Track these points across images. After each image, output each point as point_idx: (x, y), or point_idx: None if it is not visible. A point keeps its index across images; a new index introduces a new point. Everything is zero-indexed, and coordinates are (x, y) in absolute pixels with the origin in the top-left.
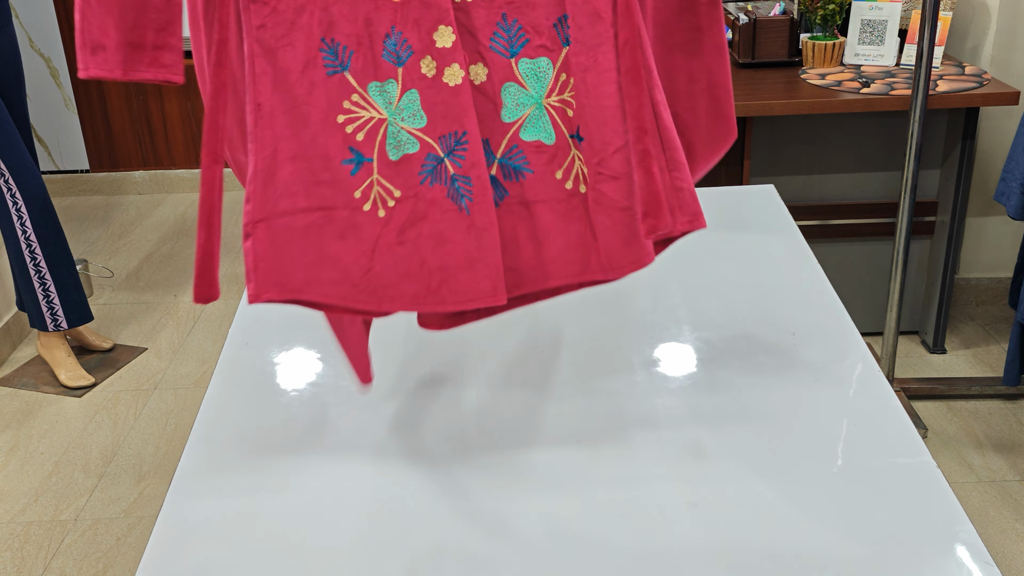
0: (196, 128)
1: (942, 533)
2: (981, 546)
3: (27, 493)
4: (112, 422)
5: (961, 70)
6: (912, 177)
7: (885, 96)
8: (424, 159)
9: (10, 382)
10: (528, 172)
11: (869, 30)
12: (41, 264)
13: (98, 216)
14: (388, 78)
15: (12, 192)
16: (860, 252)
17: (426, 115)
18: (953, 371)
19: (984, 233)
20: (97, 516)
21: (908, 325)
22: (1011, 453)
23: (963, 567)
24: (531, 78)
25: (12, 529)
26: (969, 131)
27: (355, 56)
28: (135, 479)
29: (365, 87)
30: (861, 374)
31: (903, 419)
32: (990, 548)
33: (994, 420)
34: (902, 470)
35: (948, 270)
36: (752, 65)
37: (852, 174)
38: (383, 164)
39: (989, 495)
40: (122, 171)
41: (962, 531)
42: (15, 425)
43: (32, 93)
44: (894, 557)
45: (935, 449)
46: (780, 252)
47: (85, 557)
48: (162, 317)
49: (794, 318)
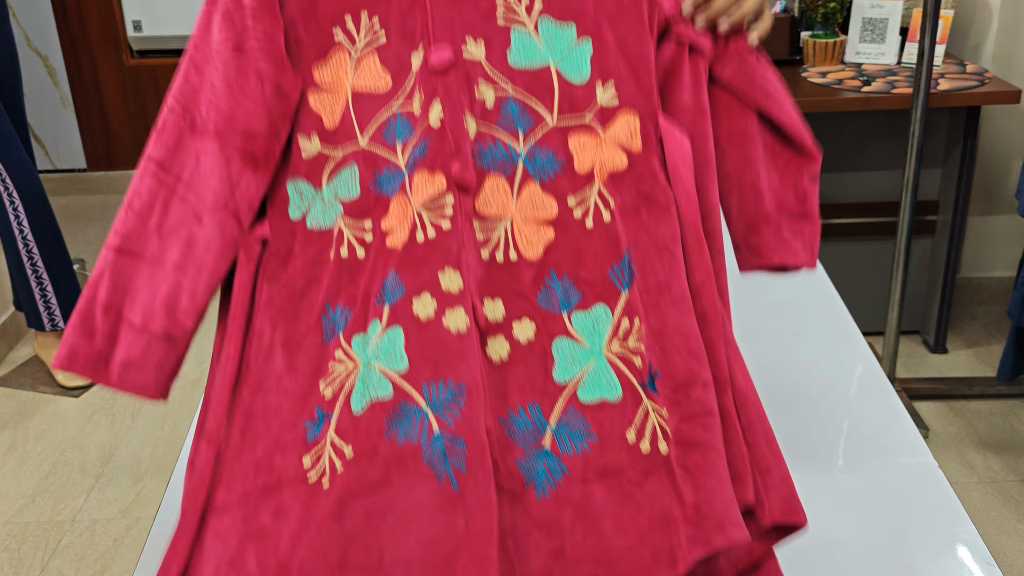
0: None
1: (943, 533)
2: (982, 546)
3: (24, 494)
4: (109, 422)
5: (962, 68)
6: (913, 176)
7: (886, 95)
8: (395, 407)
9: (7, 382)
10: (591, 440)
11: (870, 28)
12: (38, 264)
13: (95, 215)
14: (373, 318)
15: (9, 191)
16: (861, 251)
17: (407, 357)
18: (954, 371)
19: (986, 232)
20: (95, 517)
21: (909, 325)
22: (1013, 453)
23: (964, 567)
24: (586, 331)
25: (9, 530)
26: (971, 130)
27: (352, 317)
28: (133, 479)
29: (349, 340)
30: (862, 374)
31: (904, 419)
32: (991, 548)
33: (996, 420)
34: (903, 470)
35: (949, 269)
36: None
37: (853, 173)
38: (343, 418)
39: (990, 495)
40: (120, 170)
41: (963, 531)
42: (12, 425)
43: (29, 92)
44: (895, 557)
45: (936, 449)
46: None
47: (82, 558)
48: None
49: (795, 317)
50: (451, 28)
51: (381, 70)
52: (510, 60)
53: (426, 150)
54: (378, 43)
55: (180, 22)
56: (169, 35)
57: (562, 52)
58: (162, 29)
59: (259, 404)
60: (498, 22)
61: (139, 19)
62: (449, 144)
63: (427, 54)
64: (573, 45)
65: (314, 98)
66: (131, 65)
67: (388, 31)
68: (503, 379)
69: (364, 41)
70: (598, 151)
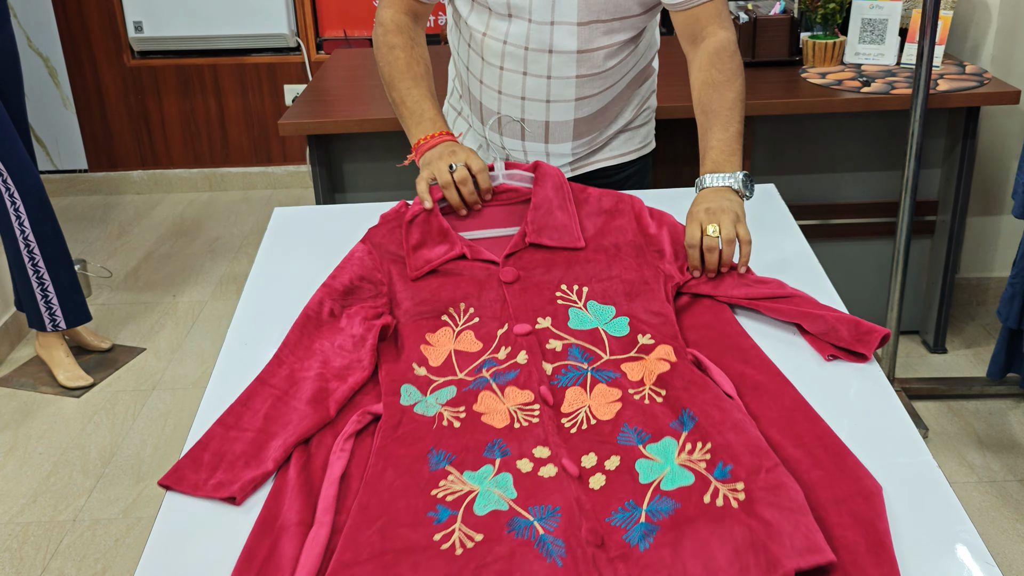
0: (194, 128)
1: (943, 533)
2: (982, 546)
3: (25, 494)
4: (111, 422)
5: (962, 69)
6: (913, 176)
7: (886, 95)
8: (512, 518)
9: (8, 382)
10: (676, 507)
11: (869, 29)
12: (39, 264)
13: (96, 216)
14: (485, 464)
15: (10, 192)
16: (861, 252)
17: (517, 492)
18: (954, 371)
19: (985, 233)
20: (96, 517)
21: (909, 325)
22: (1012, 453)
23: (964, 567)
24: (659, 453)
25: (10, 530)
26: (970, 130)
27: (455, 459)
28: (134, 480)
29: (461, 472)
30: (862, 374)
31: (904, 419)
32: (991, 548)
33: (995, 420)
34: (903, 470)
35: (949, 270)
36: (752, 64)
37: (853, 173)
38: (467, 516)
39: (990, 495)
40: (120, 171)
41: (963, 531)
42: (13, 425)
43: (30, 93)
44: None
45: (936, 449)
46: (781, 251)
47: (84, 558)
48: (161, 317)
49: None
50: (526, 311)
51: (475, 339)
52: (569, 325)
53: (517, 376)
54: (472, 323)
55: (180, 23)
56: (170, 36)
57: (605, 321)
58: (163, 30)
59: (374, 499)
60: (558, 303)
61: (140, 20)
62: (535, 375)
63: (511, 328)
64: (613, 317)
65: (425, 349)
66: (132, 66)
67: (481, 316)
68: (604, 500)
69: (463, 322)
70: (645, 367)
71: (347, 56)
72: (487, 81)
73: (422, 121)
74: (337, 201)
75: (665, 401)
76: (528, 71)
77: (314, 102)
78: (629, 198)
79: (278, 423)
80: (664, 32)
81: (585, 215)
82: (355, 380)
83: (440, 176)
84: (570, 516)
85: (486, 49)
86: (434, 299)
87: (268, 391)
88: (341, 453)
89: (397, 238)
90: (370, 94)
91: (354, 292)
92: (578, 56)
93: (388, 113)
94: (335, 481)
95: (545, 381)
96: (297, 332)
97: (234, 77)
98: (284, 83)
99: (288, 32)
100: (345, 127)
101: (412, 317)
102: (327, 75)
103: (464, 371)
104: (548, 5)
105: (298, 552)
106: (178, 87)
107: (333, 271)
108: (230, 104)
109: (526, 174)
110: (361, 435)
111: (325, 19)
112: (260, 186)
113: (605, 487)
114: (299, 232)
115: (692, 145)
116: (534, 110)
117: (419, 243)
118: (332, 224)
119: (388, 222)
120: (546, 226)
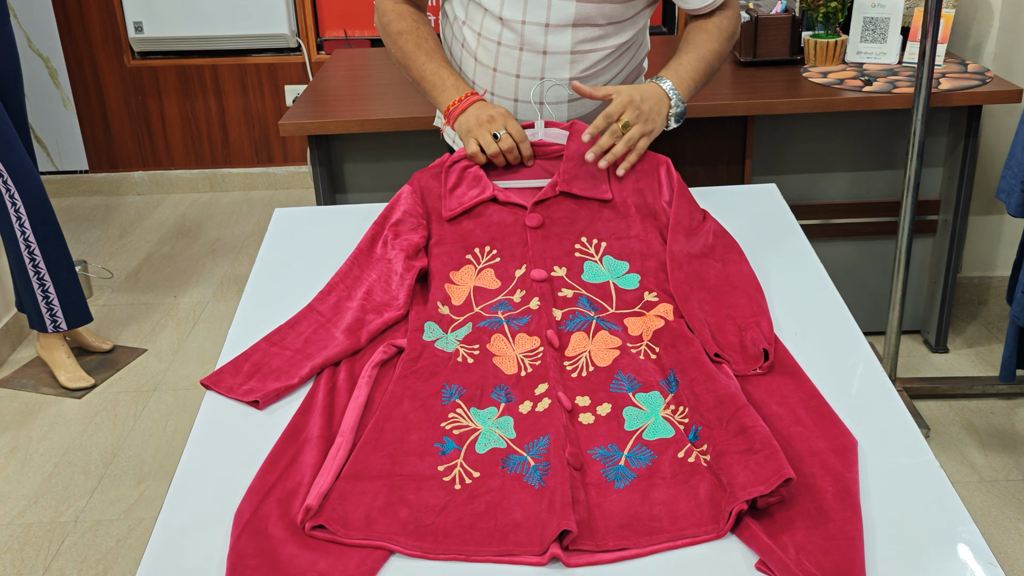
0: (195, 129)
1: (945, 533)
2: (984, 546)
3: (27, 495)
4: (112, 423)
5: (964, 68)
6: (914, 176)
7: (887, 94)
8: (508, 455)
9: (10, 383)
10: (654, 459)
11: (871, 28)
12: (40, 265)
13: (97, 217)
14: (489, 406)
15: (11, 193)
16: (862, 251)
17: (516, 432)
18: (955, 370)
19: (987, 232)
20: (97, 518)
21: (910, 324)
22: (1014, 452)
23: (966, 567)
24: (647, 404)
25: (12, 531)
26: (972, 129)
27: (466, 394)
28: (135, 480)
29: (468, 410)
30: (863, 373)
31: (905, 418)
32: (993, 548)
33: (996, 419)
34: (904, 470)
35: (950, 269)
36: (754, 63)
37: (854, 173)
38: (469, 454)
39: (992, 495)
40: (121, 172)
41: (965, 531)
42: (15, 427)
43: (30, 94)
44: (897, 557)
45: (937, 449)
46: (782, 251)
47: (85, 559)
48: (162, 318)
49: (796, 317)
50: (545, 258)
51: (494, 277)
52: (582, 277)
53: (528, 322)
54: (494, 262)
55: (181, 23)
56: (170, 36)
57: (617, 275)
58: (163, 30)
59: (389, 425)
60: (575, 255)
61: (140, 20)
62: (544, 321)
63: (528, 271)
64: (625, 272)
65: (449, 288)
66: (132, 66)
67: (503, 256)
68: (590, 434)
69: (485, 261)
70: (644, 324)
71: (348, 56)
72: (480, 82)
73: (445, 88)
74: (338, 201)
75: (657, 359)
76: (521, 73)
77: (315, 102)
78: (657, 159)
79: (315, 346)
80: (664, 32)
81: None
82: (389, 316)
83: (487, 147)
84: (557, 441)
85: (480, 49)
86: (463, 239)
87: (314, 317)
88: (368, 380)
89: (438, 182)
90: (371, 94)
91: (401, 223)
92: (571, 57)
93: (388, 113)
94: (360, 406)
95: (553, 326)
96: (349, 263)
97: (235, 77)
98: (285, 83)
99: (289, 32)
100: (346, 127)
101: (442, 253)
102: (328, 75)
103: (480, 306)
104: (544, 5)
105: (317, 461)
106: (179, 88)
107: (383, 210)
108: (231, 104)
109: (562, 132)
110: (385, 365)
111: (325, 19)
112: (261, 187)
113: (592, 426)
114: (300, 233)
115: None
116: (527, 112)
117: (455, 185)
118: (333, 225)
119: (433, 168)
120: (577, 176)
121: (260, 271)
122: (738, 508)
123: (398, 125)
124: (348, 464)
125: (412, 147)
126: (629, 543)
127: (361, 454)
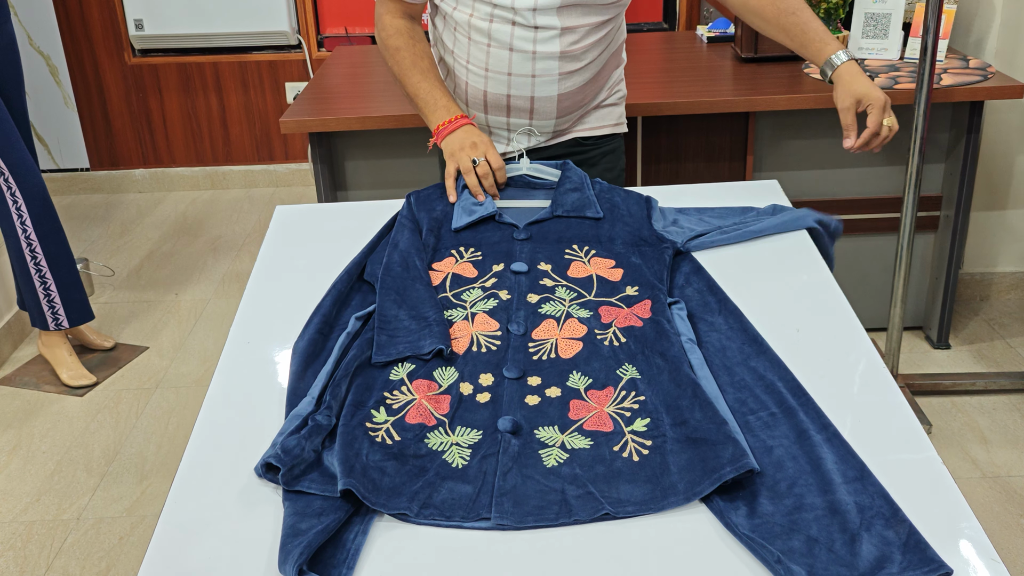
0: (196, 126)
1: (947, 529)
2: (986, 542)
3: (29, 492)
4: (114, 421)
5: (965, 63)
6: (916, 172)
7: (889, 90)
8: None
9: (11, 381)
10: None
11: (873, 24)
12: (42, 263)
13: (98, 214)
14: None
15: (12, 191)
16: (864, 247)
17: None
18: (957, 366)
19: (988, 228)
20: (99, 515)
21: (912, 320)
22: (1016, 448)
23: (968, 563)
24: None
25: (14, 528)
26: (974, 125)
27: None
28: (137, 478)
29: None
30: (865, 370)
31: (907, 415)
32: (995, 544)
33: (998, 415)
34: (906, 466)
35: (952, 265)
36: (755, 59)
37: (856, 169)
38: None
39: (994, 491)
40: (122, 169)
41: (967, 527)
42: (17, 424)
43: (31, 91)
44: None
45: (939, 445)
46: (784, 248)
47: (87, 556)
48: (163, 316)
49: (798, 314)
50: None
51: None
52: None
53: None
54: (475, 259)
55: (181, 21)
56: (171, 34)
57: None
58: (164, 28)
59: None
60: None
61: (140, 18)
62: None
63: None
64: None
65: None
66: (133, 64)
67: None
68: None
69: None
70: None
71: (348, 53)
72: (474, 61)
73: (437, 109)
74: (339, 198)
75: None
76: (514, 47)
77: (315, 99)
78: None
79: None
80: (665, 28)
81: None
82: None
83: (465, 171)
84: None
85: (473, 29)
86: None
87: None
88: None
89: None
90: (372, 91)
91: None
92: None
93: (389, 110)
94: None
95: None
96: None
97: (235, 75)
98: (285, 80)
99: (289, 30)
100: (347, 124)
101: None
102: (328, 72)
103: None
104: None
105: None
106: (179, 85)
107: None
108: (232, 102)
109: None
110: None
111: (326, 16)
112: (262, 184)
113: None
114: (301, 230)
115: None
116: (520, 85)
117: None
118: (334, 222)
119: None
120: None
121: (261, 268)
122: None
123: (399, 122)
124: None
125: (413, 144)
126: None
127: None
